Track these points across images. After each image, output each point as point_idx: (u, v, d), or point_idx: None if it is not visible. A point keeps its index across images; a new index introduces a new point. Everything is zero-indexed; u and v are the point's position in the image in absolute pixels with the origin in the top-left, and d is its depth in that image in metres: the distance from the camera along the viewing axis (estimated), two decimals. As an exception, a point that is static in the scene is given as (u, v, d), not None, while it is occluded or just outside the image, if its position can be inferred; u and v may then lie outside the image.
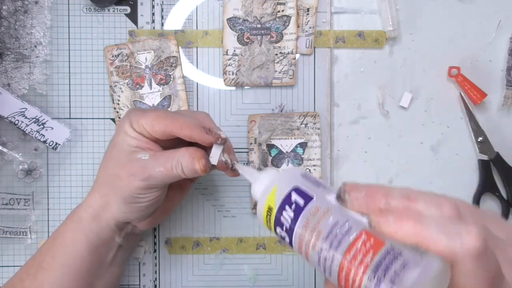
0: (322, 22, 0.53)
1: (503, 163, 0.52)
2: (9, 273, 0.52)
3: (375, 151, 0.53)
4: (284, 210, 0.33)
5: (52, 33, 0.52)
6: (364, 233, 0.29)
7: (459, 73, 0.53)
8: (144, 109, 0.43)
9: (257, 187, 0.37)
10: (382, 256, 0.27)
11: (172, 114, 0.41)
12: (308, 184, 0.34)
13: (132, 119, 0.41)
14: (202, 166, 0.40)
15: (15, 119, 0.50)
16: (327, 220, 0.30)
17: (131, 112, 0.42)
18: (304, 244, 0.31)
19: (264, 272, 0.53)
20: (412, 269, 0.26)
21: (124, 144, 0.42)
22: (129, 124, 0.41)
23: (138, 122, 0.41)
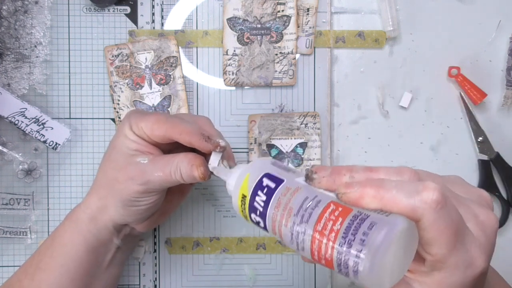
0: (322, 22, 0.53)
1: (503, 163, 0.52)
2: (9, 273, 0.52)
3: (375, 151, 0.53)
4: (257, 196, 0.34)
5: (52, 33, 0.52)
6: (332, 203, 0.30)
7: (459, 73, 0.53)
8: (145, 112, 0.43)
9: (230, 181, 0.38)
10: (350, 221, 0.29)
11: (172, 119, 0.41)
12: (279, 170, 0.35)
13: (132, 122, 0.41)
14: (201, 173, 0.40)
15: (15, 119, 0.50)
16: (297, 197, 0.32)
17: (131, 114, 0.42)
18: (277, 224, 0.32)
19: (264, 272, 0.53)
20: (379, 229, 0.28)
21: (124, 147, 0.42)
22: (128, 127, 0.41)
23: (138, 126, 0.41)
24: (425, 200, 0.28)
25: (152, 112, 0.44)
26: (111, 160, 0.42)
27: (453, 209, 0.29)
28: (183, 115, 0.45)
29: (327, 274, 0.53)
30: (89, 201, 0.43)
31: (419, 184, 0.29)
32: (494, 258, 0.54)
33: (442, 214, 0.28)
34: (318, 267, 0.53)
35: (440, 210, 0.28)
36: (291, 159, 0.52)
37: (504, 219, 0.53)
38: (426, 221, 0.28)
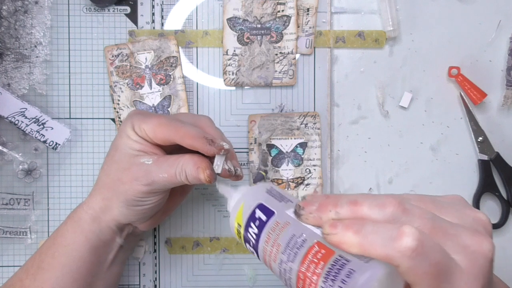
0: (322, 22, 0.53)
1: (503, 163, 0.52)
2: (9, 273, 0.52)
3: (375, 151, 0.53)
4: (249, 227, 0.34)
5: (52, 33, 0.52)
6: (317, 244, 0.30)
7: (459, 73, 0.53)
8: (147, 113, 0.43)
9: (230, 203, 0.38)
10: (331, 266, 0.28)
11: (175, 122, 0.41)
12: (271, 200, 0.35)
13: (134, 123, 0.41)
14: (207, 177, 0.40)
15: (15, 119, 0.50)
16: (285, 234, 0.32)
17: (133, 115, 0.42)
18: (268, 258, 0.33)
19: (264, 272, 0.53)
20: (358, 276, 0.27)
21: (127, 148, 0.41)
22: (131, 128, 0.41)
23: (140, 127, 0.41)
24: (399, 248, 0.27)
25: (155, 114, 0.44)
26: (115, 161, 0.42)
27: (434, 250, 0.28)
28: (184, 115, 0.45)
29: (327, 274, 0.53)
30: (91, 202, 0.43)
31: (394, 229, 0.28)
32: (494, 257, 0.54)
33: (419, 260, 0.27)
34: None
35: (416, 256, 0.27)
36: (291, 159, 0.52)
37: (504, 219, 0.53)
38: (404, 267, 0.27)
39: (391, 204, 0.29)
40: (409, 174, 0.53)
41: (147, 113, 0.43)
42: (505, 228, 0.53)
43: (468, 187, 0.53)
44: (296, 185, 0.52)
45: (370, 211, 0.30)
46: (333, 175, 0.53)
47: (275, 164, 0.52)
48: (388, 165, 0.53)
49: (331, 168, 0.53)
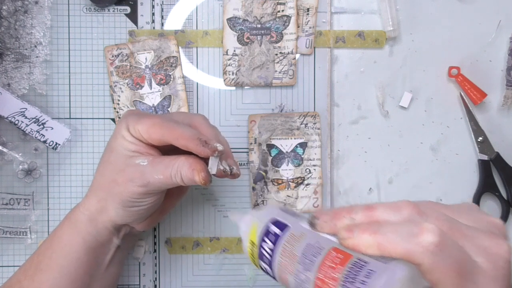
0: (322, 22, 0.53)
1: (503, 163, 0.52)
2: (9, 273, 0.52)
3: (375, 151, 0.53)
4: (264, 243, 0.34)
5: (52, 33, 0.52)
6: (333, 250, 0.30)
7: (459, 73, 0.53)
8: (141, 113, 0.43)
9: (241, 227, 0.38)
10: (350, 269, 0.28)
11: (169, 123, 0.41)
12: (284, 215, 0.35)
13: (129, 123, 0.41)
14: (202, 179, 0.40)
15: (15, 119, 0.50)
16: (300, 244, 0.32)
17: (128, 116, 0.42)
18: (283, 270, 0.33)
19: (264, 272, 0.53)
20: (378, 277, 0.27)
21: (122, 149, 0.41)
22: (126, 129, 0.41)
23: (135, 128, 0.41)
24: (422, 243, 0.27)
25: (149, 114, 0.44)
26: (110, 162, 0.42)
27: (455, 248, 0.28)
28: (178, 114, 0.45)
29: (327, 274, 0.53)
30: (87, 203, 0.43)
31: (415, 226, 0.28)
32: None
33: (442, 256, 0.27)
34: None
35: (439, 252, 0.27)
36: (291, 159, 0.52)
37: (504, 219, 0.53)
38: (426, 265, 0.27)
39: (407, 207, 0.30)
40: (409, 174, 0.53)
41: (142, 113, 0.43)
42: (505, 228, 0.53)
43: (468, 187, 0.53)
44: (296, 185, 0.52)
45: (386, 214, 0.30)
46: (333, 175, 0.53)
47: (275, 164, 0.52)
48: (388, 165, 0.53)
49: (331, 168, 0.53)
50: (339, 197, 0.53)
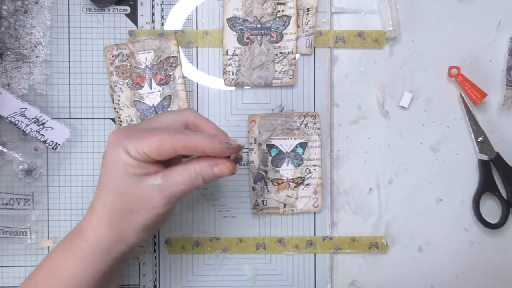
0: (322, 22, 0.53)
1: (503, 163, 0.52)
2: (9, 273, 0.52)
3: (375, 151, 0.53)
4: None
5: (52, 33, 0.52)
6: None
7: (459, 73, 0.53)
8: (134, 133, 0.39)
9: None
10: None
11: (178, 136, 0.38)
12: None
13: (128, 147, 0.38)
14: (232, 169, 0.40)
15: (15, 119, 0.50)
16: None
17: (120, 139, 0.39)
18: None
19: (264, 272, 0.53)
20: None
21: (128, 176, 0.39)
22: (126, 154, 0.38)
23: (138, 151, 0.38)
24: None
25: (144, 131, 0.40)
26: (119, 194, 0.39)
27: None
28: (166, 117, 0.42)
29: (327, 274, 0.53)
30: (98, 236, 0.40)
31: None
32: (494, 258, 0.54)
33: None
34: (318, 267, 0.53)
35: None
36: (291, 159, 0.52)
37: (504, 219, 0.53)
38: None
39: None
40: (409, 174, 0.53)
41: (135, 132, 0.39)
42: (505, 228, 0.53)
43: (468, 187, 0.53)
44: (296, 185, 0.52)
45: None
46: (333, 175, 0.53)
47: (275, 164, 0.52)
48: (388, 165, 0.53)
49: (331, 168, 0.53)
50: (339, 197, 0.53)
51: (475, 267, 0.53)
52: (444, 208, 0.53)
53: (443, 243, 0.53)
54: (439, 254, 0.53)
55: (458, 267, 0.53)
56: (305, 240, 0.53)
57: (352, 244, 0.53)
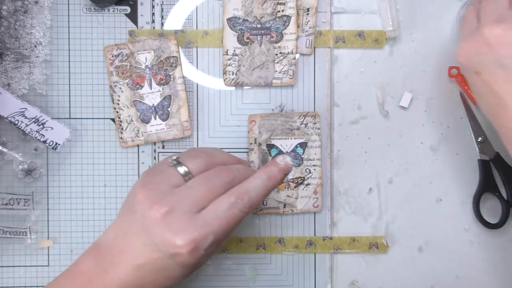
0: (322, 22, 0.53)
1: (503, 163, 0.52)
2: (9, 273, 0.52)
3: (375, 151, 0.53)
4: None
5: (52, 33, 0.52)
6: None
7: (459, 73, 0.53)
8: (214, 229, 0.37)
9: None
10: None
11: (243, 197, 0.38)
12: None
13: (207, 247, 0.37)
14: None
15: (15, 119, 0.50)
16: None
17: (202, 244, 0.37)
18: None
19: (264, 272, 0.53)
20: None
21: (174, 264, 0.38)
22: (202, 254, 0.37)
23: (216, 244, 0.38)
24: None
25: (222, 213, 0.37)
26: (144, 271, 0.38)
27: None
28: (219, 174, 0.40)
29: (327, 274, 0.53)
30: None
31: None
32: (494, 258, 0.54)
33: None
34: (318, 267, 0.53)
35: None
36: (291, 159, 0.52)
37: (504, 219, 0.53)
38: None
39: None
40: (409, 174, 0.53)
41: (214, 229, 0.37)
42: (505, 228, 0.53)
43: (468, 187, 0.53)
44: (296, 185, 0.52)
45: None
46: (333, 175, 0.53)
47: (275, 164, 0.52)
48: (388, 165, 0.53)
49: (331, 168, 0.53)
50: (339, 197, 0.53)
51: (475, 267, 0.53)
52: (444, 208, 0.53)
53: (443, 243, 0.53)
54: (439, 254, 0.53)
55: (458, 267, 0.53)
56: (305, 240, 0.53)
57: (352, 244, 0.53)
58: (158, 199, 0.37)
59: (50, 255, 0.52)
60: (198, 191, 0.38)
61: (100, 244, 0.40)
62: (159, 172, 0.40)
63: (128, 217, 0.39)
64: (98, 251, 0.40)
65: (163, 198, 0.37)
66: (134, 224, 0.38)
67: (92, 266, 0.39)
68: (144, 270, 0.38)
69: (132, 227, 0.38)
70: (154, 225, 0.36)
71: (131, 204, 0.39)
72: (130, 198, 0.40)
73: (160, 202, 0.37)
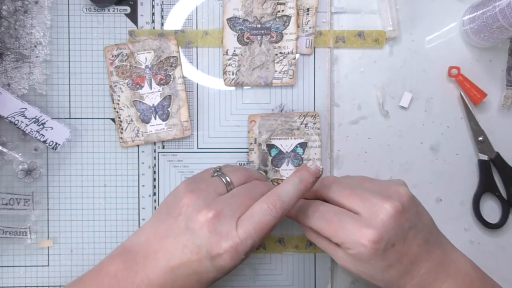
0: (322, 22, 0.53)
1: (503, 163, 0.52)
2: (9, 273, 0.52)
3: (375, 151, 0.53)
4: None
5: (52, 33, 0.52)
6: None
7: (459, 73, 0.53)
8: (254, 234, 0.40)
9: None
10: None
11: (282, 201, 0.41)
12: None
13: (240, 249, 0.39)
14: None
15: (15, 119, 0.50)
16: None
17: (242, 247, 0.39)
18: None
19: (264, 272, 0.53)
20: None
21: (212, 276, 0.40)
22: (242, 257, 0.39)
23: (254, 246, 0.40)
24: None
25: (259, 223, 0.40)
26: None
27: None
28: (257, 187, 0.44)
29: (327, 274, 0.53)
30: None
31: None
32: (494, 258, 0.54)
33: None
34: (318, 267, 0.53)
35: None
36: (291, 159, 0.52)
37: (504, 219, 0.53)
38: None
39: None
40: (409, 174, 0.53)
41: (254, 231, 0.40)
42: (505, 228, 0.53)
43: (468, 187, 0.53)
44: (296, 185, 0.52)
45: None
46: (333, 175, 0.53)
47: (275, 164, 0.52)
48: (388, 165, 0.53)
49: (331, 168, 0.53)
50: (339, 197, 0.53)
51: (475, 267, 0.53)
52: (444, 208, 0.53)
53: (443, 243, 0.53)
54: (439, 254, 0.53)
55: (458, 267, 0.53)
56: (305, 240, 0.53)
57: (352, 244, 0.53)
58: (206, 204, 0.40)
59: (50, 255, 0.52)
60: (241, 199, 0.41)
61: (129, 246, 0.42)
62: (203, 181, 0.43)
63: (168, 221, 0.41)
64: (127, 253, 0.41)
65: (210, 203, 0.40)
66: (175, 226, 0.40)
67: (120, 267, 0.41)
68: (178, 272, 0.39)
69: (172, 229, 0.40)
70: (200, 228, 0.39)
71: (173, 208, 0.41)
72: (171, 203, 0.42)
73: (208, 206, 0.40)
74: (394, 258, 0.40)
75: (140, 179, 0.53)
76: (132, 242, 0.42)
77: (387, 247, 0.39)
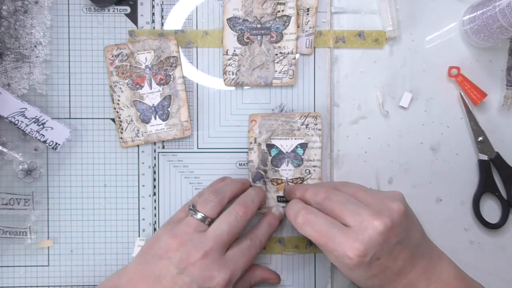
0: (322, 22, 0.53)
1: (503, 163, 0.52)
2: (9, 273, 0.52)
3: (375, 151, 0.53)
4: None
5: (52, 33, 0.52)
6: None
7: (459, 73, 0.53)
8: (240, 265, 0.46)
9: None
10: None
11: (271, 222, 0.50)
12: None
13: (232, 279, 0.44)
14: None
15: (15, 119, 0.50)
16: None
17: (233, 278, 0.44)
18: None
19: (264, 272, 0.53)
20: None
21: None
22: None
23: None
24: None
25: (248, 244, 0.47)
26: None
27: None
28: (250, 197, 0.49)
29: (327, 274, 0.53)
30: None
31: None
32: (494, 258, 0.54)
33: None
34: (318, 267, 0.53)
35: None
36: (291, 159, 0.52)
37: (504, 219, 0.53)
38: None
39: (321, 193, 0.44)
40: (409, 174, 0.53)
41: (239, 265, 0.46)
42: (505, 228, 0.53)
43: (468, 187, 0.53)
44: (296, 185, 0.52)
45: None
46: (333, 175, 0.53)
47: (275, 164, 0.52)
48: (388, 165, 0.53)
49: (331, 168, 0.53)
50: (339, 197, 0.53)
51: (475, 267, 0.53)
52: (444, 208, 0.53)
53: (443, 243, 0.53)
54: (439, 254, 0.53)
55: (458, 267, 0.53)
56: (305, 240, 0.53)
57: (352, 244, 0.53)
58: (193, 245, 0.43)
59: (50, 255, 0.52)
60: (224, 233, 0.44)
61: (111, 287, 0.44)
62: (183, 223, 0.45)
63: (154, 262, 0.43)
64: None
65: (197, 244, 0.43)
66: (162, 267, 0.43)
67: None
68: None
69: (160, 270, 0.43)
70: (192, 268, 0.42)
71: (158, 251, 0.44)
72: (156, 247, 0.44)
73: (195, 247, 0.43)
74: (378, 270, 0.42)
75: (140, 179, 0.53)
76: (114, 284, 0.44)
77: (372, 260, 0.41)
